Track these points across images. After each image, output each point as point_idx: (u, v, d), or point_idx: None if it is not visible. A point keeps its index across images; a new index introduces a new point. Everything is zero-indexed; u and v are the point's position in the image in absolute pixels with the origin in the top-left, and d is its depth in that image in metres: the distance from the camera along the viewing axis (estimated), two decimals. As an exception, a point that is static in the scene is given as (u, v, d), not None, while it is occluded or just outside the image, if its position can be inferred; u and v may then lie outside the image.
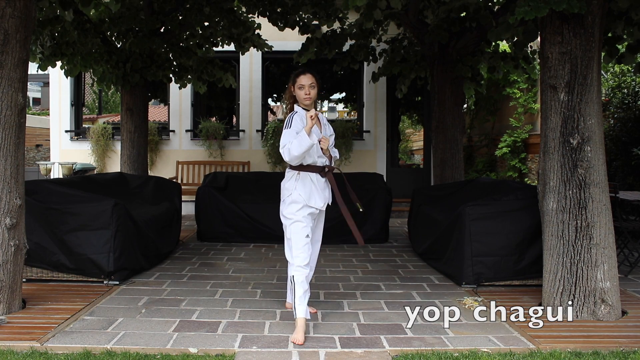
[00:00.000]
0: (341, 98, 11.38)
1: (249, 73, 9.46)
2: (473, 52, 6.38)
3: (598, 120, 3.58)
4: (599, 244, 3.52)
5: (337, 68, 7.74)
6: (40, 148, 13.01)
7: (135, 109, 6.85)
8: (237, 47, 7.31)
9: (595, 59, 3.55)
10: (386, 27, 7.17)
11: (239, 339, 3.11)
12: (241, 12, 7.05)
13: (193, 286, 4.29)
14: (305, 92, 3.34)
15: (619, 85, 7.76)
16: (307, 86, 3.34)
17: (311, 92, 3.34)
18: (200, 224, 6.35)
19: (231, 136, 9.50)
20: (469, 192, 5.41)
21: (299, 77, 3.36)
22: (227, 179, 6.92)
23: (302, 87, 3.35)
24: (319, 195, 3.35)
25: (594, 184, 3.53)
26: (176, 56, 6.97)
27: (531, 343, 3.09)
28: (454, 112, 6.44)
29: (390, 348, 3.01)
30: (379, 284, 4.46)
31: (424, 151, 10.03)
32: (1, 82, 3.42)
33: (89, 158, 9.32)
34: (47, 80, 11.68)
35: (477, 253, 4.26)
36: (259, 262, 5.26)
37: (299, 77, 3.36)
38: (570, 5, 3.21)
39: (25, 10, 3.51)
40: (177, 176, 9.20)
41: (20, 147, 3.55)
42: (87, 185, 5.15)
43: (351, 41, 7.30)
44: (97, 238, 4.25)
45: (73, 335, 3.14)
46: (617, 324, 3.46)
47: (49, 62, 6.10)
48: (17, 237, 3.53)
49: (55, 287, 4.17)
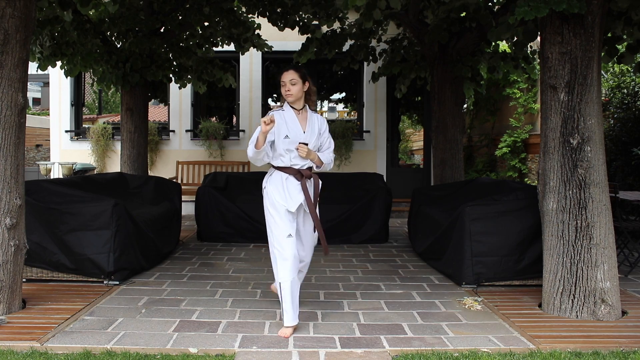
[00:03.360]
0: (341, 98, 11.38)
1: (249, 73, 9.46)
2: (473, 52, 6.38)
3: (598, 120, 3.58)
4: (599, 244, 3.52)
5: (337, 68, 7.74)
6: (40, 148, 13.01)
7: (135, 109, 6.85)
8: (237, 47, 7.31)
9: (595, 59, 3.55)
10: (386, 27, 7.17)
11: (239, 339, 3.11)
12: (241, 12, 7.05)
13: (193, 286, 4.29)
14: (286, 88, 3.32)
15: (618, 85, 7.76)
16: (287, 82, 3.32)
17: (292, 89, 3.30)
18: (200, 224, 6.35)
19: (231, 136, 9.50)
20: (469, 192, 5.41)
21: (282, 74, 3.35)
22: (227, 179, 6.93)
23: (284, 84, 3.34)
24: (289, 196, 3.29)
25: (594, 184, 3.53)
26: (176, 56, 6.97)
27: (531, 343, 3.09)
28: (454, 112, 6.44)
29: (390, 348, 3.01)
30: (379, 284, 4.46)
31: (424, 151, 10.03)
32: (1, 82, 3.42)
33: (89, 158, 9.32)
34: (47, 80, 11.69)
35: (477, 253, 4.26)
36: (259, 262, 5.26)
37: (281, 74, 3.36)
38: (570, 6, 3.21)
39: (25, 11, 3.51)
40: (177, 176, 9.20)
41: (20, 147, 3.55)
42: (87, 185, 5.15)
43: (351, 41, 7.30)
44: (97, 238, 4.25)
45: (73, 335, 3.14)
46: (617, 324, 3.46)
47: (48, 62, 6.10)
48: (17, 237, 3.53)
49: (55, 287, 4.17)
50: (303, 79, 3.34)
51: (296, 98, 3.35)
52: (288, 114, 3.36)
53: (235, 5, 6.98)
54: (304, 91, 3.36)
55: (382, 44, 7.61)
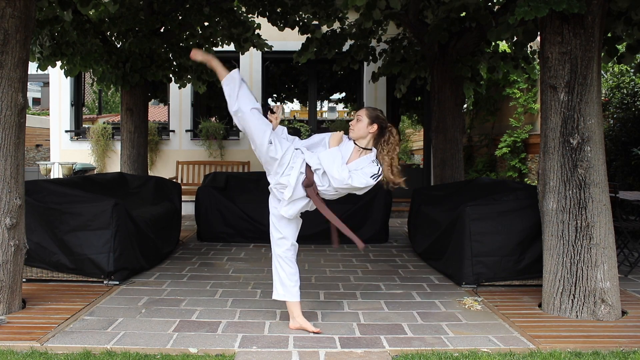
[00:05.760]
0: (341, 98, 11.40)
1: (249, 73, 9.46)
2: (473, 52, 6.38)
3: (598, 120, 3.58)
4: (599, 244, 3.52)
5: (337, 68, 7.73)
6: (40, 148, 13.01)
7: (135, 109, 6.85)
8: (237, 47, 7.30)
9: (595, 59, 3.55)
10: (386, 27, 7.17)
11: (239, 339, 3.11)
12: (241, 12, 7.05)
13: (193, 286, 4.29)
14: (352, 122, 3.31)
15: (618, 85, 7.76)
16: (355, 116, 3.31)
17: (354, 125, 3.25)
18: (200, 224, 6.35)
19: (231, 136, 9.50)
20: (469, 192, 5.41)
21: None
22: (227, 179, 6.93)
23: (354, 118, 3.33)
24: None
25: (594, 184, 3.53)
26: (176, 56, 6.97)
27: (531, 343, 3.09)
28: (454, 112, 6.44)
29: (390, 348, 3.01)
30: (379, 284, 4.46)
31: (424, 151, 10.02)
32: (1, 82, 3.42)
33: (89, 158, 9.32)
34: (47, 80, 11.67)
35: (477, 253, 4.26)
36: (259, 262, 5.26)
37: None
38: (570, 6, 3.21)
39: (25, 10, 3.51)
40: (177, 176, 9.20)
41: (20, 147, 3.55)
42: (87, 185, 5.15)
43: (351, 41, 7.30)
44: (97, 238, 4.25)
45: (73, 335, 3.14)
46: (617, 324, 3.46)
47: (48, 62, 6.10)
48: (17, 237, 3.53)
49: (55, 287, 4.17)
50: (371, 120, 3.22)
51: (357, 136, 3.24)
52: (349, 144, 3.28)
53: (235, 5, 6.98)
54: (369, 132, 3.21)
55: (382, 44, 7.61)
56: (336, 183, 3.15)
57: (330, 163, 3.14)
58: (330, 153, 3.20)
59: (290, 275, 3.38)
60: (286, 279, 3.37)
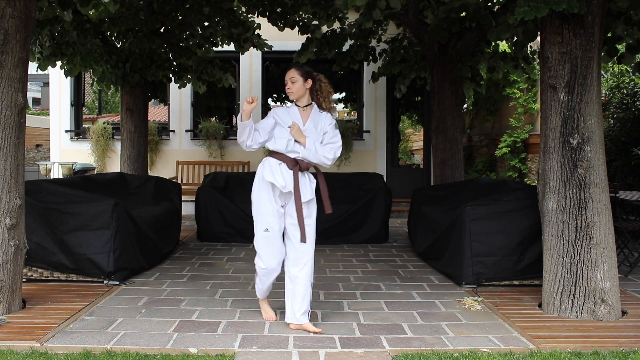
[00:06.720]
0: (341, 98, 11.38)
1: (249, 73, 9.46)
2: (473, 52, 6.38)
3: (598, 120, 3.58)
4: (599, 244, 3.52)
5: (337, 68, 7.73)
6: (40, 148, 13.01)
7: (135, 109, 6.85)
8: (237, 47, 7.31)
9: (595, 59, 3.55)
10: (386, 27, 7.17)
11: (239, 339, 3.11)
12: (241, 12, 7.05)
13: (193, 286, 4.29)
14: (287, 86, 3.41)
15: (618, 85, 7.76)
16: (288, 80, 3.41)
17: (291, 86, 3.38)
18: (200, 224, 6.35)
19: (231, 136, 9.48)
20: (469, 192, 5.41)
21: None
22: (227, 179, 6.92)
23: (286, 82, 3.43)
24: (280, 176, 3.32)
25: (594, 184, 3.53)
26: (176, 56, 6.96)
27: (531, 343, 3.09)
28: (454, 112, 6.44)
29: (390, 348, 3.01)
30: (379, 284, 4.46)
31: (424, 151, 10.03)
32: (1, 82, 3.42)
33: (89, 158, 9.31)
34: (47, 80, 11.68)
35: (477, 253, 4.26)
36: (259, 262, 5.25)
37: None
38: (570, 6, 3.21)
39: (25, 10, 3.51)
40: (177, 176, 9.20)
41: (20, 147, 3.55)
42: (87, 185, 5.15)
43: (351, 41, 7.29)
44: (97, 238, 4.25)
45: (73, 335, 3.14)
46: (617, 324, 3.47)
47: (48, 62, 6.10)
48: (17, 237, 3.53)
49: (55, 287, 4.17)
50: (304, 77, 3.39)
51: (297, 95, 3.41)
52: (292, 110, 3.45)
53: (235, 5, 6.97)
54: (306, 88, 3.40)
55: (382, 44, 7.61)
56: (330, 162, 3.38)
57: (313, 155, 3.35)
58: (309, 146, 3.33)
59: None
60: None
